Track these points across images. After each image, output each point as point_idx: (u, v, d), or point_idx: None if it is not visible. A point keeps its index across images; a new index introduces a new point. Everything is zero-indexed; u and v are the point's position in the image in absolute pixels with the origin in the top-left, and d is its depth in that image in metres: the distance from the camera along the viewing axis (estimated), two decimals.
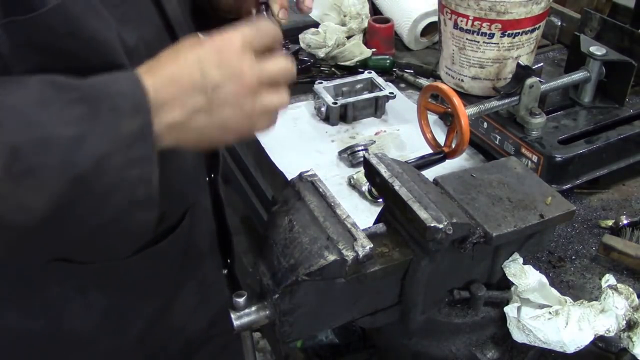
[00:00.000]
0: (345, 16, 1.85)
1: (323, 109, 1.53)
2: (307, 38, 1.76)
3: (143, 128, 0.63)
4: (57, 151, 0.59)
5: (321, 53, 1.73)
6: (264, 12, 0.91)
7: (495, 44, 1.34)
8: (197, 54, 0.67)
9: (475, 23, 1.32)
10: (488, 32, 1.32)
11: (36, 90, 0.60)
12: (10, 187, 0.58)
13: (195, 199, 0.95)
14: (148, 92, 0.63)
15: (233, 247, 1.13)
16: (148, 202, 0.66)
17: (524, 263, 0.93)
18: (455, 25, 1.35)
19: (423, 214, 0.79)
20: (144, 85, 0.63)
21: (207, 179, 1.02)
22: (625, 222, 1.14)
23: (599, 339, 0.88)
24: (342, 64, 1.74)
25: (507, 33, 1.32)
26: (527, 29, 1.32)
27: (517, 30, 1.32)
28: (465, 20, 1.33)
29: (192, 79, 0.66)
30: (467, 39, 1.35)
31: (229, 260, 1.14)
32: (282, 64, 0.73)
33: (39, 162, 0.58)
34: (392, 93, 1.55)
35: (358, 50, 1.75)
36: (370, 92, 1.57)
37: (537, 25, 1.34)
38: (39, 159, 0.58)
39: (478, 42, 1.34)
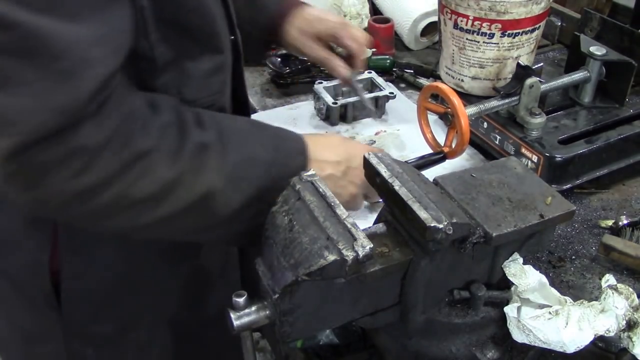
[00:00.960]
0: (345, 16, 1.85)
1: (323, 109, 1.53)
2: None
3: (303, 165, 0.90)
4: (257, 168, 0.85)
5: None
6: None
7: (495, 44, 1.34)
8: (345, 141, 1.06)
9: (475, 23, 1.32)
10: (488, 32, 1.32)
11: (246, 122, 0.89)
12: (228, 188, 0.81)
13: None
14: (308, 146, 0.92)
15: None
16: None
17: (524, 263, 0.93)
18: (455, 25, 1.35)
19: (423, 214, 0.79)
20: (306, 140, 0.93)
21: None
22: (625, 222, 1.14)
23: (599, 339, 0.88)
24: None
25: (507, 33, 1.32)
26: (527, 29, 1.32)
27: (517, 30, 1.32)
28: (465, 20, 1.33)
29: (338, 155, 0.98)
30: (467, 39, 1.35)
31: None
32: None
33: (246, 174, 0.84)
34: (392, 93, 1.55)
35: None
36: (370, 92, 1.57)
37: (537, 25, 1.34)
38: (247, 172, 0.84)
39: (478, 42, 1.35)
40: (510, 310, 0.89)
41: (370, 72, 1.62)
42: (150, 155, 0.74)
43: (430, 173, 0.99)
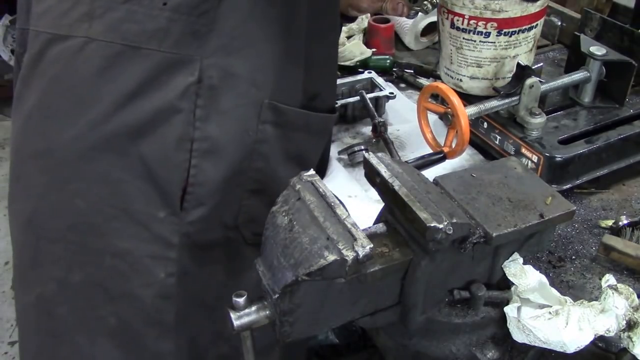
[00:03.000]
0: None
1: None
2: None
3: None
4: None
5: None
6: None
7: (491, 42, 1.33)
8: None
9: (471, 22, 1.32)
10: (484, 31, 1.32)
11: None
12: None
13: None
14: None
15: None
16: None
17: (524, 263, 0.93)
18: (452, 25, 1.35)
19: (423, 214, 0.79)
20: None
21: None
22: (625, 222, 1.14)
23: (599, 339, 0.88)
24: (342, 64, 1.74)
25: (503, 32, 1.31)
26: (524, 27, 1.32)
27: (514, 29, 1.31)
28: (461, 19, 1.32)
29: None
30: (463, 38, 1.35)
31: None
32: None
33: None
34: (392, 93, 1.55)
35: (358, 50, 1.75)
36: (370, 92, 1.57)
37: (534, 24, 1.34)
38: None
39: (475, 41, 1.34)
40: (510, 310, 0.89)
41: (370, 72, 1.62)
42: None
43: (430, 173, 0.99)
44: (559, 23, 1.74)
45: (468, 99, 1.38)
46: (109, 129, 0.92)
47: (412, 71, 1.74)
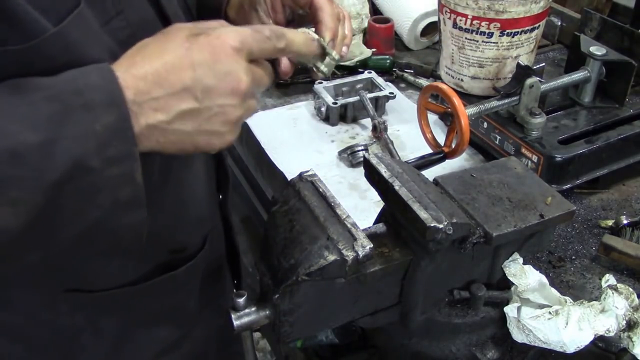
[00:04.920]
0: None
1: (323, 109, 1.53)
2: None
3: (119, 122, 0.58)
4: (27, 161, 0.54)
5: None
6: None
7: (494, 43, 1.34)
8: (189, 51, 0.61)
9: (474, 22, 1.32)
10: (487, 31, 1.32)
11: (7, 98, 0.55)
12: None
13: (212, 223, 0.94)
14: (122, 84, 0.58)
15: (241, 267, 1.11)
16: (134, 202, 0.62)
17: (524, 263, 0.93)
18: (455, 25, 1.35)
19: (423, 214, 0.79)
20: (115, 76, 0.58)
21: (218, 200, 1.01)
22: (625, 222, 1.14)
23: (599, 339, 0.88)
24: (342, 64, 1.74)
25: (505, 32, 1.32)
26: (526, 28, 1.32)
27: (516, 30, 1.32)
28: (464, 19, 1.33)
29: (182, 80, 0.61)
30: (466, 38, 1.35)
31: (235, 282, 1.12)
32: (266, 73, 0.69)
33: (7, 176, 0.53)
34: (392, 93, 1.55)
35: (358, 50, 1.74)
36: (370, 92, 1.57)
37: (536, 25, 1.34)
38: (7, 172, 0.53)
39: (477, 41, 1.34)
40: (510, 310, 0.89)
41: (370, 72, 1.62)
42: None
43: (430, 173, 0.99)
44: (559, 23, 1.74)
45: (468, 99, 1.38)
46: None
47: (412, 71, 1.74)
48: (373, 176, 0.89)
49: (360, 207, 1.25)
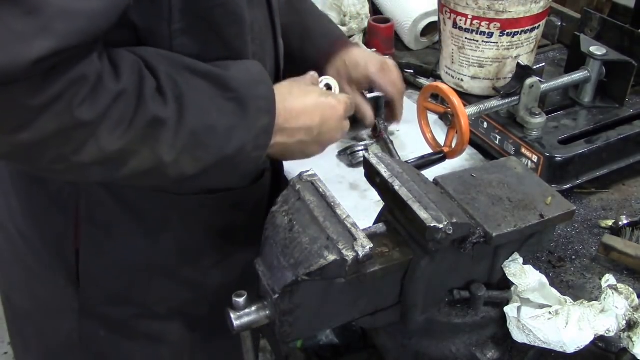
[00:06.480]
0: (345, 16, 1.85)
1: None
2: None
3: (269, 126, 0.87)
4: (216, 136, 0.81)
5: None
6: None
7: (494, 43, 1.34)
8: (321, 104, 0.96)
9: (474, 22, 1.32)
10: (487, 31, 1.32)
11: (208, 85, 0.81)
12: (182, 160, 0.80)
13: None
14: (276, 99, 0.87)
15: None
16: (259, 171, 1.05)
17: (524, 263, 0.93)
18: (455, 25, 1.35)
19: (423, 214, 0.79)
20: (273, 92, 0.87)
21: None
22: (625, 222, 1.14)
23: (599, 339, 0.88)
24: None
25: (506, 32, 1.32)
26: (527, 28, 1.32)
27: (516, 30, 1.32)
28: (464, 19, 1.33)
29: (312, 121, 0.94)
30: (466, 38, 1.35)
31: None
32: (347, 125, 1.05)
33: (200, 140, 0.80)
34: None
35: None
36: (370, 92, 1.57)
37: (536, 25, 1.34)
38: (201, 138, 0.80)
39: (477, 41, 1.35)
40: (510, 310, 0.89)
41: None
42: (92, 125, 0.71)
43: (430, 173, 0.99)
44: (559, 23, 1.74)
45: (468, 99, 1.38)
46: None
47: (412, 71, 1.74)
48: (373, 176, 0.89)
49: (360, 207, 1.25)
